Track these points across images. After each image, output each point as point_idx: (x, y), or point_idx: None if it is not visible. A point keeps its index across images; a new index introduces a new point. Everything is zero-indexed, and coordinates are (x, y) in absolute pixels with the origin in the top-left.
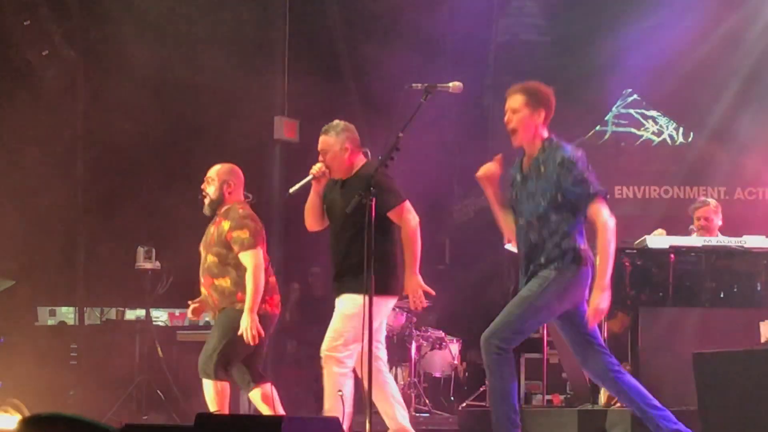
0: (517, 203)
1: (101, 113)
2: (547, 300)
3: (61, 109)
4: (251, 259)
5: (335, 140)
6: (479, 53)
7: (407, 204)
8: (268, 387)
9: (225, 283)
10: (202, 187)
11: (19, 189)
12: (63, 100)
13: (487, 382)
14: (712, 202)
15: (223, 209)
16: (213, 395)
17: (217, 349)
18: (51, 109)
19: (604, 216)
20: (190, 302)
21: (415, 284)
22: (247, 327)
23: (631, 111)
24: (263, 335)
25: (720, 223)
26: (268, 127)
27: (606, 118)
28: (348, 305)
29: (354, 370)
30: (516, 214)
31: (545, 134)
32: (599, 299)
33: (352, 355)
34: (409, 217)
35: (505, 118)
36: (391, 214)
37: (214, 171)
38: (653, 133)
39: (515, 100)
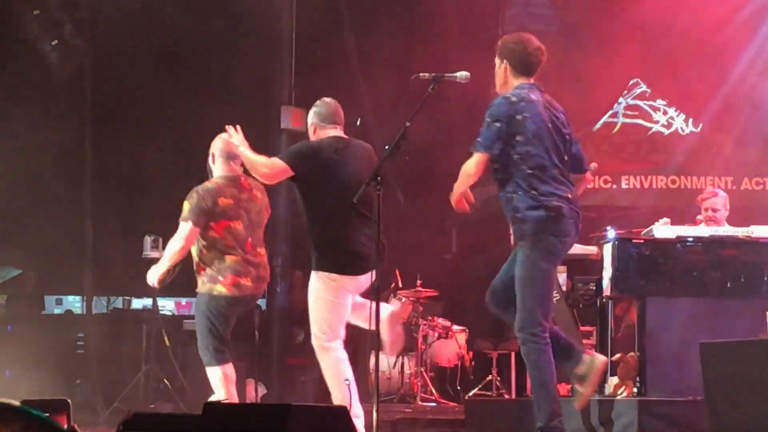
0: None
1: (110, 103)
2: (539, 269)
3: (70, 99)
4: (179, 229)
5: (309, 119)
6: (487, 43)
7: (280, 163)
8: (230, 368)
9: (193, 253)
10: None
11: (26, 178)
12: (72, 89)
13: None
14: (721, 192)
15: None
16: (217, 381)
17: (202, 336)
18: (60, 98)
19: (468, 162)
20: None
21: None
22: (150, 276)
23: (640, 102)
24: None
25: (727, 213)
26: (274, 117)
27: (616, 110)
28: (309, 288)
29: None
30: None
31: (515, 84)
32: None
33: (334, 337)
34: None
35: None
36: None
37: (213, 145)
38: (663, 125)
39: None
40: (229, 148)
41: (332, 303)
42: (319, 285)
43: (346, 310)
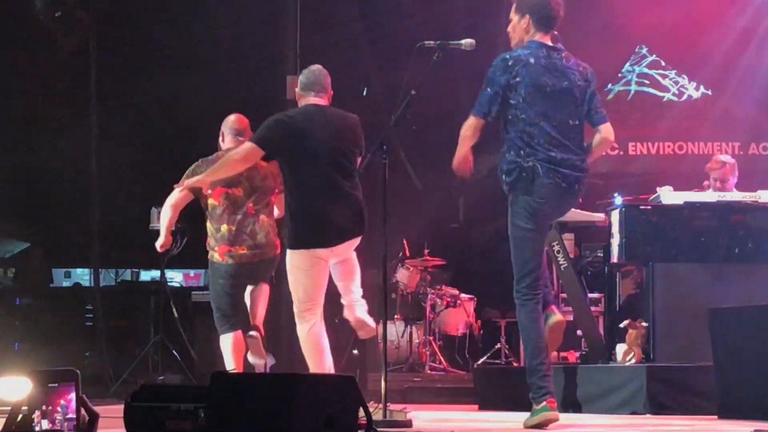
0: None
1: (114, 73)
2: (517, 227)
3: (74, 70)
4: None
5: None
6: (492, 10)
7: (250, 145)
8: (236, 338)
9: (208, 223)
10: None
11: (33, 151)
12: (77, 60)
13: None
14: (729, 161)
15: None
16: (225, 350)
17: (212, 304)
18: (64, 70)
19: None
20: None
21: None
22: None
23: (651, 71)
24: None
25: (735, 180)
26: (280, 88)
27: (629, 78)
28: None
29: None
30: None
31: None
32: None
33: (312, 305)
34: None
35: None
36: None
37: (223, 124)
38: (674, 94)
39: (511, 10)
40: (237, 126)
41: (306, 272)
42: (291, 255)
43: (323, 277)
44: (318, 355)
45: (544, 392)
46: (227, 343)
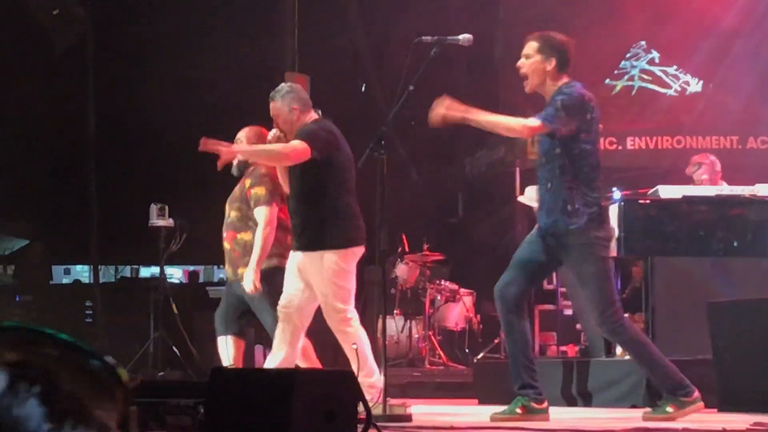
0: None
1: (112, 70)
2: (605, 260)
3: (72, 67)
4: (263, 215)
5: (281, 104)
6: (489, 6)
7: (302, 145)
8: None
9: (247, 237)
10: None
11: (32, 148)
12: (74, 57)
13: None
14: (707, 159)
15: (250, 169)
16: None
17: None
18: (62, 67)
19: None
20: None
21: None
22: (250, 281)
23: (654, 68)
24: (260, 290)
25: (719, 173)
26: (278, 83)
27: (632, 74)
28: (326, 266)
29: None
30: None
31: (563, 80)
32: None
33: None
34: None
35: (518, 63)
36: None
37: (243, 134)
38: (676, 90)
39: (529, 47)
40: (255, 139)
41: (353, 272)
42: (340, 256)
43: None
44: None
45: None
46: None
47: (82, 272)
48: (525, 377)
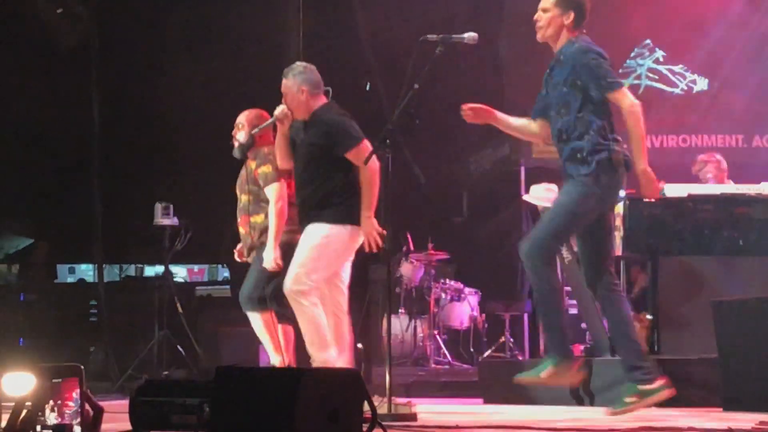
0: (548, 98)
1: (116, 70)
2: (587, 207)
3: (75, 67)
4: (274, 192)
5: (292, 82)
6: (494, 4)
7: (365, 144)
8: (270, 315)
9: (260, 219)
10: (233, 133)
11: (36, 147)
12: (77, 57)
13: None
14: (712, 157)
15: (253, 152)
16: (262, 327)
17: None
18: (66, 66)
19: (628, 99)
20: (235, 251)
21: (370, 226)
22: (270, 258)
23: (660, 67)
24: (281, 266)
25: (725, 172)
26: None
27: (639, 72)
28: (314, 235)
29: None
30: (549, 111)
31: (575, 34)
32: (648, 176)
33: (318, 287)
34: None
35: (535, 17)
36: (350, 155)
37: (243, 116)
38: (682, 89)
39: (546, 0)
40: (257, 120)
41: (347, 249)
42: (340, 229)
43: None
44: (321, 333)
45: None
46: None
47: (86, 271)
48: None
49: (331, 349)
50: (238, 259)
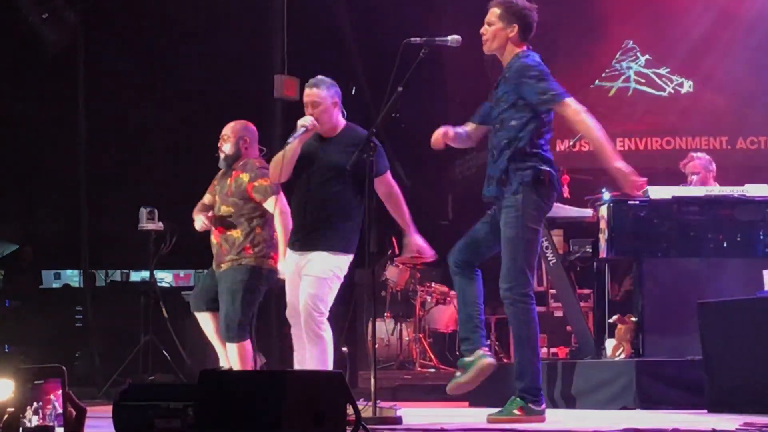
0: (490, 110)
1: (102, 76)
2: (532, 228)
3: (62, 72)
4: (277, 203)
5: (326, 93)
6: (478, 7)
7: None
8: (248, 344)
9: (236, 234)
10: (218, 145)
11: (21, 152)
12: (64, 62)
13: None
14: (700, 156)
15: (240, 163)
16: (238, 358)
17: (234, 311)
18: (52, 71)
19: (571, 108)
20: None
21: (417, 242)
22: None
23: (647, 71)
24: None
25: (713, 173)
26: (268, 86)
27: (627, 75)
28: (322, 266)
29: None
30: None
31: (523, 48)
32: (621, 172)
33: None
34: (394, 181)
35: (481, 30)
36: (379, 179)
37: (230, 128)
38: (670, 93)
39: (491, 14)
40: (244, 132)
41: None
42: (341, 265)
43: None
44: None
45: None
46: (244, 350)
47: (72, 277)
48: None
49: None
50: (205, 222)
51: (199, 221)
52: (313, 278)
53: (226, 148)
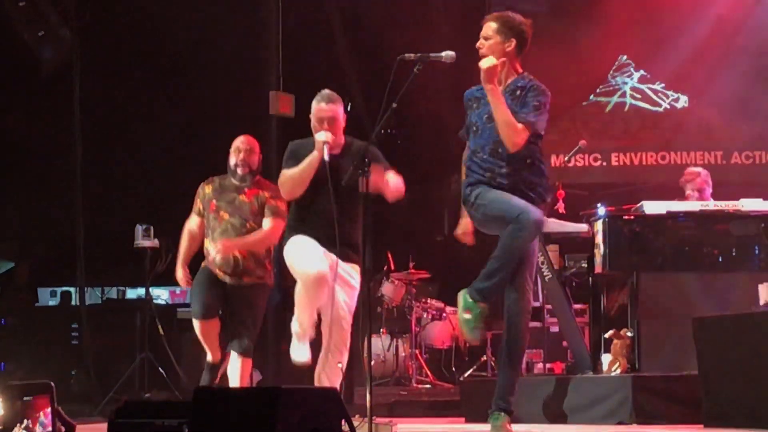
0: (476, 125)
1: (98, 92)
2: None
3: (58, 89)
4: (275, 226)
5: (341, 110)
6: (475, 23)
7: None
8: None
9: (260, 249)
10: (242, 157)
11: (17, 169)
12: (59, 79)
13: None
14: (702, 171)
15: (256, 179)
16: (246, 372)
17: (255, 328)
18: (48, 89)
19: (522, 135)
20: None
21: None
22: (226, 245)
23: (643, 86)
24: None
25: (710, 189)
26: (263, 103)
27: (624, 90)
28: (356, 279)
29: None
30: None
31: (518, 66)
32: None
33: None
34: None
35: (477, 44)
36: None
37: (252, 142)
38: (665, 108)
39: (488, 27)
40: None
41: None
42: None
43: None
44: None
45: None
46: (251, 365)
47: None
48: None
49: None
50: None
51: (181, 279)
52: (355, 291)
53: (254, 161)
